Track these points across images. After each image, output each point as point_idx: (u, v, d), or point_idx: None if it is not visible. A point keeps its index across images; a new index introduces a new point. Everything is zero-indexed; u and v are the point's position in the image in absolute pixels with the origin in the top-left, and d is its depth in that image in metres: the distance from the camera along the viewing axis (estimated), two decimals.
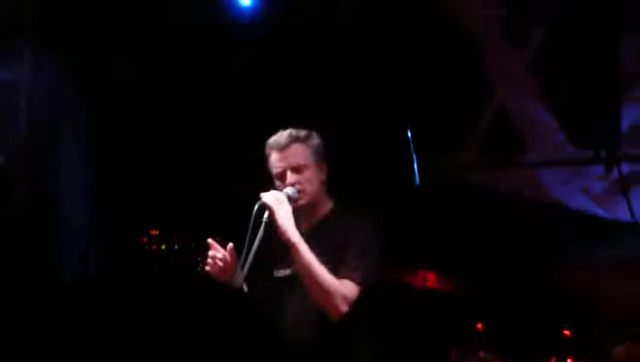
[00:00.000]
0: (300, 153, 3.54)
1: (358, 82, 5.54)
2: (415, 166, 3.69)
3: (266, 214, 3.37)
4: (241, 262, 3.33)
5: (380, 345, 3.72)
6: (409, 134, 5.61)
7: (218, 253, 3.50)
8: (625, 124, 5.31)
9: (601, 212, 5.43)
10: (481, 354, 4.90)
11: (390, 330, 4.76)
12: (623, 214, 5.14)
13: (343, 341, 3.44)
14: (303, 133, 3.59)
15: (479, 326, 5.05)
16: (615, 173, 5.05)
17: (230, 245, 3.49)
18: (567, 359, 4.72)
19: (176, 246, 4.60)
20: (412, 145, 5.60)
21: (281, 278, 3.56)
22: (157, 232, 3.94)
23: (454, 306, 5.27)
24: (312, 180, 3.54)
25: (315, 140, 3.60)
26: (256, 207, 3.37)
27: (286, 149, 3.54)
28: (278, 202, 3.37)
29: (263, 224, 3.37)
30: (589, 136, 5.37)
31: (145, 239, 4.16)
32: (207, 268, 3.50)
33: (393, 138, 5.63)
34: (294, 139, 3.56)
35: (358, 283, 3.37)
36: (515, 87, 5.64)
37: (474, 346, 4.95)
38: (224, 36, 5.56)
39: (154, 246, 3.94)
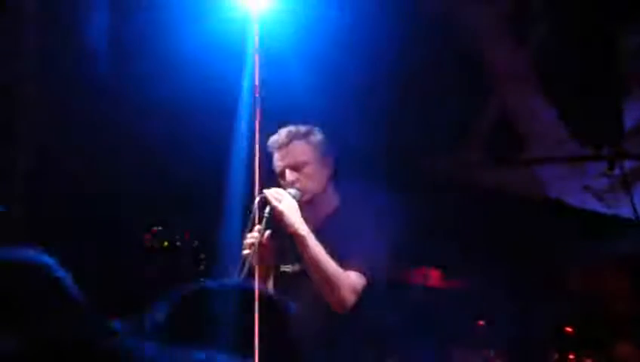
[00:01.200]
0: (300, 150, 3.54)
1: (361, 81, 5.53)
2: None
3: (267, 209, 3.36)
4: (242, 259, 3.33)
5: (382, 342, 3.73)
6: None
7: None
8: (628, 121, 5.31)
9: (602, 209, 5.43)
10: (483, 351, 4.90)
11: (391, 328, 4.76)
12: (625, 211, 5.14)
13: (347, 337, 3.45)
14: (303, 129, 3.58)
15: (480, 323, 5.04)
16: (617, 170, 5.04)
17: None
18: (569, 356, 4.71)
19: (178, 244, 4.60)
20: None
21: (288, 274, 3.55)
22: (158, 229, 3.91)
23: (455, 303, 5.26)
24: (313, 176, 3.53)
25: (317, 136, 3.59)
26: (256, 200, 3.37)
27: (285, 147, 3.55)
28: (280, 197, 3.37)
29: (265, 219, 3.37)
30: (591, 133, 5.36)
31: (147, 236, 4.14)
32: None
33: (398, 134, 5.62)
34: (294, 137, 3.56)
35: (364, 274, 3.37)
36: (517, 84, 5.64)
37: (476, 344, 4.95)
38: None
39: (156, 244, 3.92)
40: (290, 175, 3.50)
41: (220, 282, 2.94)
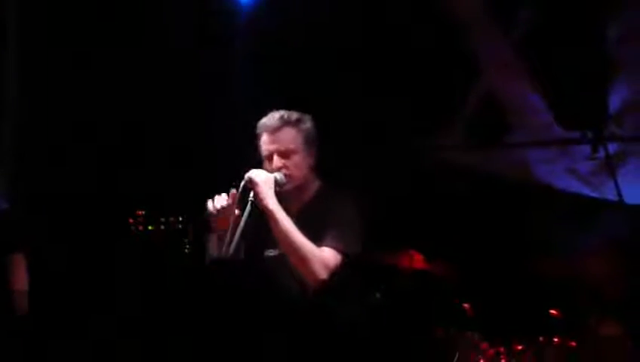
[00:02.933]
0: (291, 137, 3.53)
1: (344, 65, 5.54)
2: None
3: (252, 194, 3.37)
4: (227, 241, 3.33)
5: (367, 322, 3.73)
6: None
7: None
8: (612, 104, 5.33)
9: (588, 192, 5.45)
10: (468, 334, 4.90)
11: (377, 309, 4.76)
12: (610, 194, 5.16)
13: (331, 320, 3.45)
14: (295, 116, 3.57)
15: (466, 306, 5.04)
16: (602, 153, 5.06)
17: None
18: (553, 338, 4.72)
19: (162, 227, 4.59)
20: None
21: (270, 258, 3.55)
22: (143, 212, 3.90)
23: (441, 286, 5.26)
24: (299, 165, 3.54)
25: (307, 124, 3.59)
26: (242, 184, 3.38)
27: (277, 132, 3.53)
28: (260, 175, 3.38)
29: (249, 203, 3.37)
30: (575, 117, 5.37)
31: (131, 220, 4.13)
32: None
33: (380, 118, 5.62)
34: (286, 123, 3.54)
35: (340, 252, 3.39)
36: (502, 68, 5.65)
37: (461, 326, 4.95)
38: None
39: (140, 227, 3.90)
40: (277, 161, 3.50)
41: None
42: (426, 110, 5.58)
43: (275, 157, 3.51)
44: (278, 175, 3.48)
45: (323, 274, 3.35)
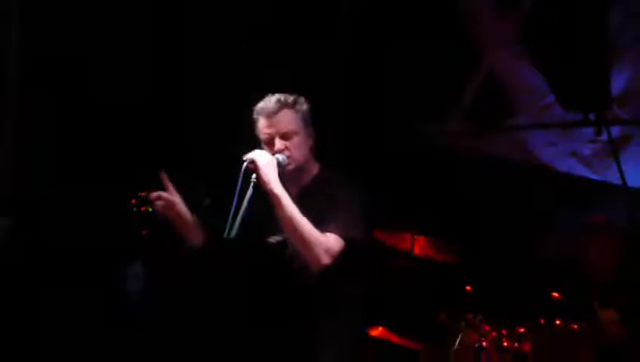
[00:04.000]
0: (289, 119, 3.53)
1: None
2: None
3: (254, 176, 3.36)
4: (229, 223, 3.32)
5: (368, 307, 3.73)
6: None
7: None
8: (615, 86, 5.32)
9: (590, 175, 5.45)
10: (470, 316, 4.91)
11: (379, 293, 4.76)
12: (612, 177, 5.15)
13: (333, 303, 3.46)
14: (291, 98, 3.56)
15: (468, 288, 5.05)
16: (604, 136, 5.05)
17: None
18: (555, 321, 4.73)
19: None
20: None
21: (275, 243, 3.54)
22: (145, 194, 3.86)
23: (443, 269, 5.27)
24: (300, 146, 3.53)
25: (304, 106, 3.58)
26: (243, 167, 3.36)
27: (275, 115, 3.52)
28: (262, 157, 3.37)
29: (252, 185, 3.36)
30: (578, 99, 5.37)
31: (133, 201, 4.09)
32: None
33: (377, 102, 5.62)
34: (283, 105, 3.53)
35: (342, 237, 3.38)
36: (504, 50, 5.64)
37: (462, 309, 4.95)
38: None
39: (142, 208, 3.87)
40: (279, 143, 3.49)
41: None
42: (428, 93, 5.57)
43: (277, 140, 3.50)
44: (280, 156, 3.47)
45: (326, 260, 3.35)
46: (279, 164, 3.43)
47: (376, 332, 5.05)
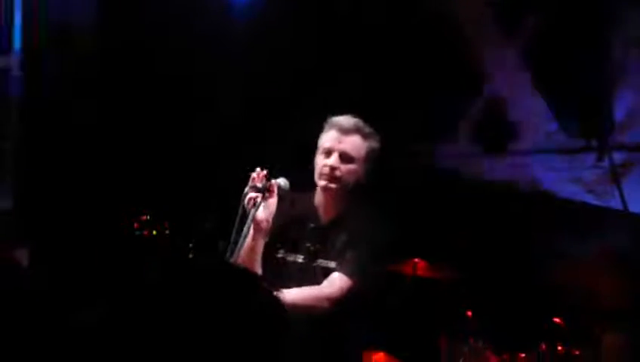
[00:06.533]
0: (358, 146, 3.49)
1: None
2: None
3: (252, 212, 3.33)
4: (230, 247, 3.31)
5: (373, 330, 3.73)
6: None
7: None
8: (618, 112, 5.33)
9: (592, 200, 5.44)
10: (471, 341, 4.90)
11: (381, 317, 4.76)
12: (614, 202, 5.15)
13: (339, 328, 3.46)
14: (368, 129, 3.55)
15: (469, 313, 5.04)
16: (607, 162, 5.05)
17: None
18: (557, 346, 4.72)
19: (167, 232, 4.58)
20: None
21: (292, 263, 3.52)
22: (147, 217, 3.89)
23: (444, 294, 5.27)
24: (351, 173, 3.47)
25: (375, 143, 3.56)
26: (246, 198, 3.34)
27: (348, 135, 3.49)
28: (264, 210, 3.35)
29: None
30: (581, 125, 5.38)
31: (136, 224, 4.13)
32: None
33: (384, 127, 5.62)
34: (359, 130, 3.51)
35: (351, 277, 3.37)
36: (508, 76, 5.65)
37: (464, 333, 4.95)
38: None
39: (145, 232, 3.90)
40: (336, 160, 3.46)
41: None
42: (432, 118, 5.58)
43: (335, 156, 3.48)
44: (282, 181, 3.46)
45: (331, 305, 3.35)
46: (280, 188, 3.42)
47: (378, 356, 5.04)
